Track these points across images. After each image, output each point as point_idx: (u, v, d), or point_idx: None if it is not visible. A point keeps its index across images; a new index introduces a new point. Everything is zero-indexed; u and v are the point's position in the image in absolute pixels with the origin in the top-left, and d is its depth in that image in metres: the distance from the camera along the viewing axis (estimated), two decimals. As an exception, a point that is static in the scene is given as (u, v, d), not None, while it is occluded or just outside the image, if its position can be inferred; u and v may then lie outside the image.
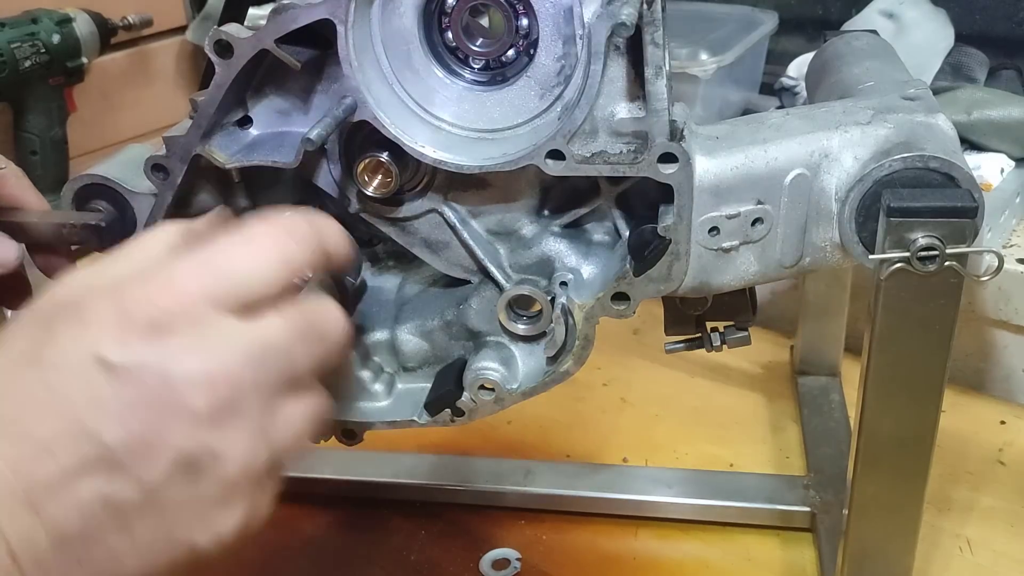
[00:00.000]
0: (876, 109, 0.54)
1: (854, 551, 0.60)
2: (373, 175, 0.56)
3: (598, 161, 0.53)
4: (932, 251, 0.49)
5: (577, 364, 0.59)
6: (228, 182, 0.59)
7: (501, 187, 0.58)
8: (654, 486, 0.79)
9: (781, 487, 0.78)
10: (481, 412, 0.61)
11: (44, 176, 1.19)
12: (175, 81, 1.49)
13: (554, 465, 0.83)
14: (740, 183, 0.53)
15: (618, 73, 0.51)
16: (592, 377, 0.96)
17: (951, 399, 0.56)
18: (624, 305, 0.57)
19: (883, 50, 0.68)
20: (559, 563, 0.75)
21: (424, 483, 0.81)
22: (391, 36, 0.54)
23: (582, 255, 0.60)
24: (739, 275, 0.56)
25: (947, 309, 0.51)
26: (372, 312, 0.63)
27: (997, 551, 0.74)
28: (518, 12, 0.53)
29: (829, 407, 0.89)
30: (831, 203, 0.53)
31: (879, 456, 0.56)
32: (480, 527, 0.79)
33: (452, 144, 0.55)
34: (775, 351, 0.99)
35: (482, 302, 0.61)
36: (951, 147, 0.51)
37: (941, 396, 0.54)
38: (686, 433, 0.89)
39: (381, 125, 0.54)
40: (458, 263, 0.61)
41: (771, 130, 0.54)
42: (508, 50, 0.54)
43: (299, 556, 0.77)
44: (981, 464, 0.83)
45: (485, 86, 0.55)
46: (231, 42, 0.52)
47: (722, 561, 0.75)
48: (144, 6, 1.34)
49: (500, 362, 0.60)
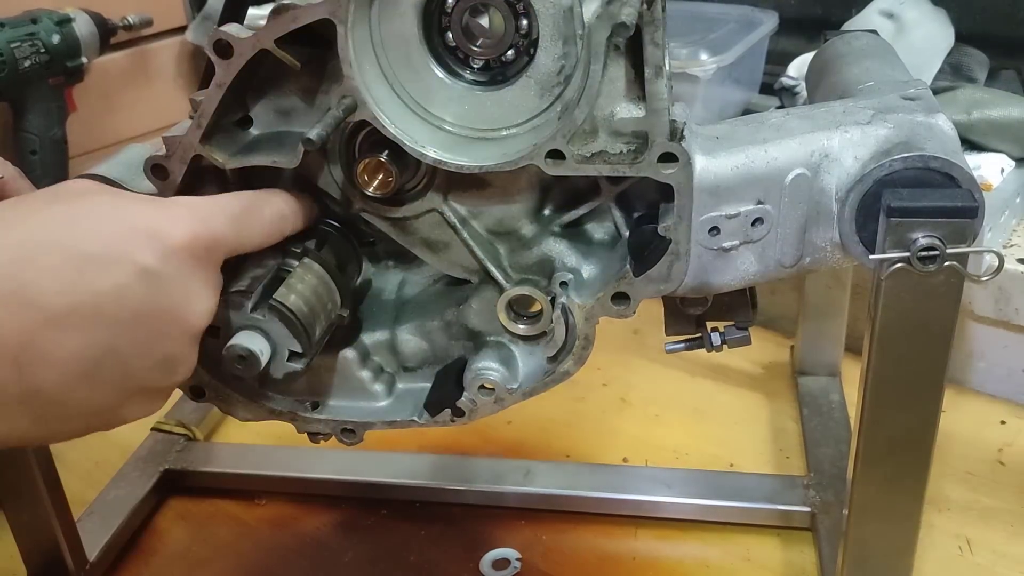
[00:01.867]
0: (876, 109, 0.54)
1: (854, 551, 0.60)
2: (373, 175, 0.56)
3: (598, 161, 0.53)
4: (932, 251, 0.49)
5: (577, 364, 0.59)
6: (228, 182, 0.59)
7: (501, 187, 0.58)
8: (654, 486, 0.79)
9: (781, 487, 0.79)
10: (481, 412, 0.61)
11: (44, 176, 1.19)
12: (175, 81, 1.49)
13: (554, 465, 0.83)
14: (740, 183, 0.53)
15: (618, 73, 0.51)
16: (592, 377, 0.96)
17: (951, 399, 0.56)
18: (624, 305, 0.57)
19: (883, 50, 0.68)
20: (559, 563, 0.75)
21: (424, 483, 0.81)
22: (391, 36, 0.54)
23: (582, 255, 0.60)
24: (739, 275, 0.56)
25: (947, 309, 0.51)
26: (372, 312, 0.63)
27: (997, 551, 0.74)
28: (518, 12, 0.53)
29: (829, 407, 0.89)
30: (831, 203, 0.53)
31: (879, 456, 0.56)
32: (480, 527, 0.79)
33: (452, 144, 0.55)
34: (775, 351, 0.99)
35: (482, 302, 0.61)
36: (951, 147, 0.51)
37: (941, 396, 0.54)
38: (686, 433, 0.89)
39: (381, 125, 0.54)
40: (458, 263, 0.61)
41: (771, 130, 0.54)
42: (508, 50, 0.54)
43: (299, 556, 0.78)
44: (981, 464, 0.83)
45: (485, 86, 0.55)
46: (231, 42, 0.52)
47: (722, 561, 0.75)
48: (144, 6, 1.34)
49: (500, 362, 0.60)
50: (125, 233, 0.45)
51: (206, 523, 0.81)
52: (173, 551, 0.79)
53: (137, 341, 0.45)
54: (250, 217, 0.52)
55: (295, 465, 0.83)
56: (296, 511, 0.82)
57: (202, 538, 0.80)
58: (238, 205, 0.52)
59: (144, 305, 0.45)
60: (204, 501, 0.83)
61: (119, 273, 0.44)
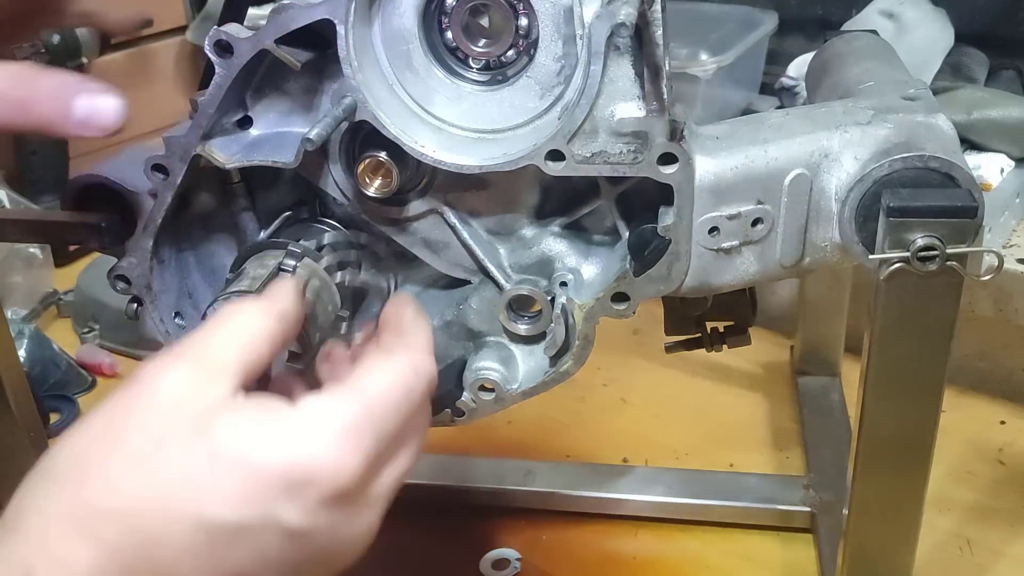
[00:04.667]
0: (876, 109, 0.54)
1: (854, 551, 0.60)
2: (373, 175, 0.56)
3: (598, 161, 0.53)
4: (932, 251, 0.49)
5: (577, 364, 0.59)
6: (228, 182, 0.59)
7: (501, 187, 0.58)
8: (654, 486, 0.79)
9: (781, 487, 0.78)
10: (481, 412, 0.61)
11: (44, 176, 1.19)
12: (175, 81, 1.49)
13: (554, 465, 0.83)
14: (740, 183, 0.53)
15: (618, 73, 0.51)
16: (592, 377, 0.96)
17: (951, 399, 0.56)
18: (624, 305, 0.57)
19: (883, 50, 0.68)
20: (559, 563, 0.75)
21: (424, 483, 0.81)
22: (391, 36, 0.54)
23: (582, 255, 0.60)
24: (739, 275, 0.56)
25: (947, 309, 0.51)
26: (372, 312, 0.63)
27: (997, 551, 0.74)
28: (518, 12, 0.53)
29: (829, 407, 0.89)
30: (831, 203, 0.53)
31: (879, 456, 0.56)
32: (480, 527, 0.79)
33: (452, 144, 0.55)
34: (775, 351, 0.99)
35: (482, 302, 0.61)
36: (951, 147, 0.51)
37: (941, 396, 0.54)
38: (686, 433, 0.89)
39: (381, 125, 0.54)
40: (458, 263, 0.61)
41: (771, 130, 0.54)
42: (508, 50, 0.54)
43: (299, 556, 0.77)
44: (981, 464, 0.83)
45: (485, 86, 0.55)
46: (231, 42, 0.52)
47: (722, 561, 0.75)
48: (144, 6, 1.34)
49: (500, 362, 0.60)
50: (260, 490, 0.38)
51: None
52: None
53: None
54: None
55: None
56: (296, 511, 0.82)
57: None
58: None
59: (295, 564, 0.40)
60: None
61: (262, 543, 0.38)
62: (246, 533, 0.38)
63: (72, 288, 1.10)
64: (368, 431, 0.41)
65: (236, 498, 0.38)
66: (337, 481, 0.39)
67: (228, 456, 0.38)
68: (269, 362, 0.44)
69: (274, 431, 0.39)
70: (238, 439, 0.38)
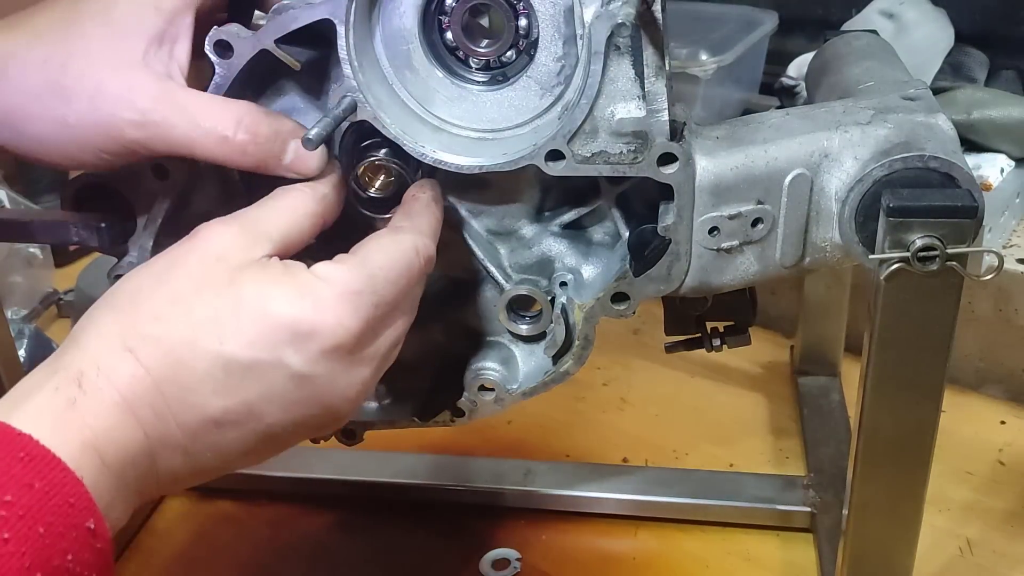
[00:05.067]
0: (876, 109, 0.54)
1: (854, 551, 0.60)
2: (374, 175, 0.56)
3: (598, 161, 0.53)
4: (932, 251, 0.49)
5: (577, 364, 0.59)
6: (228, 182, 0.59)
7: (501, 187, 0.58)
8: (654, 486, 0.79)
9: (781, 487, 0.78)
10: (481, 412, 0.61)
11: (44, 176, 1.19)
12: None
13: (554, 465, 0.83)
14: (740, 183, 0.53)
15: (618, 73, 0.51)
16: (592, 377, 0.97)
17: (951, 399, 0.56)
18: (624, 305, 0.57)
19: (883, 50, 0.68)
20: (559, 563, 0.75)
21: (424, 483, 0.81)
22: (391, 36, 0.54)
23: (582, 255, 0.60)
24: (739, 275, 0.56)
25: (947, 309, 0.51)
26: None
27: (997, 551, 0.74)
28: (518, 12, 0.53)
29: (829, 407, 0.89)
30: (831, 203, 0.53)
31: (879, 456, 0.56)
32: (480, 527, 0.79)
33: (452, 144, 0.55)
34: (775, 351, 0.99)
35: (482, 302, 0.61)
36: (951, 147, 0.51)
37: (941, 396, 0.54)
38: (686, 433, 0.89)
39: (381, 125, 0.54)
40: (458, 263, 0.61)
41: (771, 130, 0.54)
42: (508, 50, 0.54)
43: (299, 556, 0.77)
44: (981, 464, 0.83)
45: (485, 86, 0.55)
46: (231, 42, 0.52)
47: (722, 561, 0.75)
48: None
49: (500, 362, 0.60)
50: (271, 336, 0.45)
51: (206, 523, 0.81)
52: (172, 552, 0.79)
53: (289, 429, 0.47)
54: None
55: (295, 465, 0.83)
56: (296, 511, 0.82)
57: (202, 539, 0.80)
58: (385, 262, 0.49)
59: (296, 402, 0.46)
60: (203, 501, 0.83)
61: (269, 380, 0.45)
62: (257, 370, 0.44)
63: (72, 288, 1.10)
64: (368, 297, 0.47)
65: (251, 340, 0.44)
66: (336, 337, 0.46)
67: (250, 305, 0.45)
68: (310, 237, 0.50)
69: (289, 289, 0.46)
70: (260, 293, 0.45)
